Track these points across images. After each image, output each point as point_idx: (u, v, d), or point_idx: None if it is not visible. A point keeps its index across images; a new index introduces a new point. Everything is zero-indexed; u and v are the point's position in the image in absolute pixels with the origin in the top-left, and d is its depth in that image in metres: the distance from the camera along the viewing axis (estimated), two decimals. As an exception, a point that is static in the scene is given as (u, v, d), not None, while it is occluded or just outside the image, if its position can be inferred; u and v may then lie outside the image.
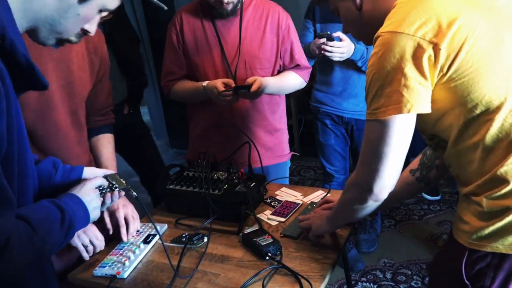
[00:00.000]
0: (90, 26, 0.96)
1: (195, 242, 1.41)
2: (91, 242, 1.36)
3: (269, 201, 1.65)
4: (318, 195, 1.66)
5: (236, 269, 1.29)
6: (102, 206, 1.11)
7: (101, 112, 1.61)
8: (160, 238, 1.30)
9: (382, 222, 2.91)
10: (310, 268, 1.25)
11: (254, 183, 1.58)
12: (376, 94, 0.98)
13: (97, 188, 1.09)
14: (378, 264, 2.58)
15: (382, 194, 1.07)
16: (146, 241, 1.45)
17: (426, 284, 2.38)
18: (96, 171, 1.18)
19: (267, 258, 1.28)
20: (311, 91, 2.45)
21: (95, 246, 1.37)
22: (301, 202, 1.62)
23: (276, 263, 1.26)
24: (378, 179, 1.04)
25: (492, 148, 0.96)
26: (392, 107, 0.95)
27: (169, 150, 4.56)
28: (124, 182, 1.16)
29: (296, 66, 1.90)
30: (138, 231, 1.51)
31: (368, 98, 1.01)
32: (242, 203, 1.49)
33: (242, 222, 1.47)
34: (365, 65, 2.15)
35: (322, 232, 1.33)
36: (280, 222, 1.51)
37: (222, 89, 1.68)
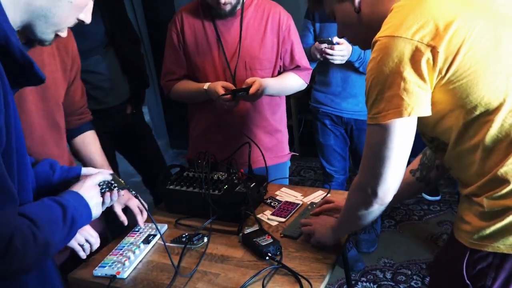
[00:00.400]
0: (85, 15, 0.95)
1: (195, 242, 1.41)
2: (87, 240, 1.36)
3: (269, 201, 1.65)
4: (318, 196, 1.66)
5: (236, 269, 1.29)
6: (102, 205, 1.11)
7: (78, 111, 1.60)
8: (161, 236, 1.30)
9: (382, 222, 2.91)
10: (310, 268, 1.25)
11: (254, 184, 1.58)
12: (376, 99, 0.98)
13: (97, 186, 1.09)
14: (378, 264, 2.58)
15: (387, 197, 1.07)
16: (146, 241, 1.45)
17: (426, 284, 2.38)
18: (94, 171, 1.18)
19: (267, 258, 1.28)
20: (311, 92, 2.45)
21: (91, 244, 1.37)
22: (301, 203, 1.62)
23: (276, 263, 1.26)
24: (382, 183, 1.04)
25: (492, 148, 0.96)
26: (392, 111, 0.96)
27: (169, 150, 4.56)
28: (123, 181, 1.16)
29: (296, 67, 1.89)
30: (138, 231, 1.51)
31: (368, 102, 1.01)
32: (242, 203, 1.49)
33: (242, 222, 1.47)
34: (362, 65, 2.16)
35: (325, 240, 1.32)
36: (280, 222, 1.51)
37: (222, 92, 1.68)
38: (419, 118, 0.99)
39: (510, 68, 0.94)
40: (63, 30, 0.94)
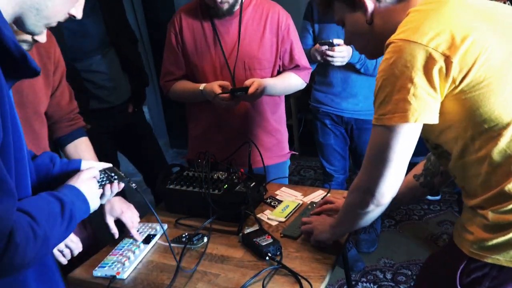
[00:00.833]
0: (77, 11, 0.94)
1: (195, 242, 1.41)
2: (66, 246, 1.34)
3: (269, 201, 1.65)
4: (318, 195, 1.66)
5: (236, 269, 1.29)
6: (102, 198, 1.10)
7: (68, 117, 1.55)
8: (164, 233, 1.29)
9: (382, 222, 2.91)
10: (310, 268, 1.25)
11: (254, 183, 1.58)
12: (384, 100, 0.98)
13: (94, 178, 1.08)
14: (378, 264, 2.58)
15: (384, 199, 1.07)
16: (146, 241, 1.45)
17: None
18: (94, 164, 1.17)
19: (267, 258, 1.28)
20: (311, 91, 2.45)
21: (72, 249, 1.36)
22: (301, 202, 1.62)
23: (276, 263, 1.26)
24: (381, 184, 1.04)
25: (500, 163, 0.96)
26: (398, 115, 0.96)
27: (169, 150, 4.55)
28: (123, 174, 1.15)
29: (296, 67, 1.89)
30: (138, 231, 1.50)
31: (376, 103, 1.01)
32: (242, 203, 1.49)
33: (242, 222, 1.47)
34: (363, 67, 2.17)
35: (323, 239, 1.32)
36: (280, 222, 1.51)
37: (219, 91, 1.68)
38: (425, 124, 0.99)
39: None
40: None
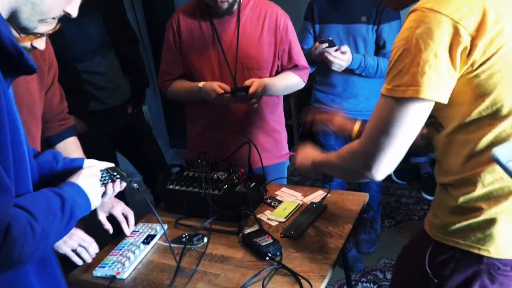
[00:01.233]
0: (72, 9, 0.94)
1: (195, 242, 1.41)
2: (80, 245, 1.35)
3: (269, 201, 1.65)
4: (318, 195, 1.66)
5: (236, 269, 1.29)
6: (104, 196, 1.11)
7: (58, 116, 1.56)
8: (164, 233, 1.29)
9: (382, 222, 2.91)
10: (310, 268, 1.25)
11: (254, 183, 1.58)
12: (401, 71, 0.92)
13: (96, 176, 1.08)
14: (378, 264, 2.58)
15: (379, 175, 1.02)
16: (146, 241, 1.45)
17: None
18: (96, 163, 1.17)
19: (267, 258, 1.28)
20: (311, 91, 2.45)
21: (87, 248, 1.36)
22: (301, 203, 1.62)
23: (276, 264, 1.26)
24: (380, 159, 0.99)
25: (482, 150, 0.97)
26: (414, 88, 0.91)
27: (169, 150, 4.55)
28: (125, 174, 1.15)
29: (294, 67, 1.88)
30: (137, 231, 1.50)
31: (390, 73, 0.95)
32: (242, 203, 1.49)
33: (242, 222, 1.47)
34: (364, 71, 2.18)
35: (302, 170, 1.33)
36: (280, 222, 1.51)
37: (220, 90, 1.67)
38: None
39: None
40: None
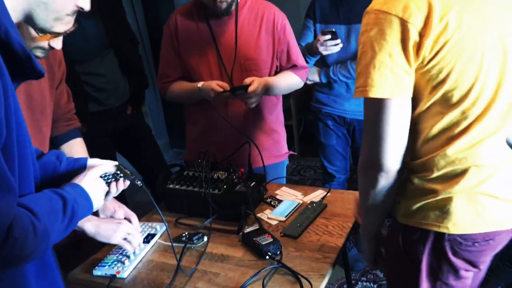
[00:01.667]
0: (84, 2, 0.95)
1: (195, 241, 1.41)
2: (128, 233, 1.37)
3: (269, 200, 1.65)
4: (318, 195, 1.66)
5: (236, 268, 1.29)
6: (108, 195, 1.11)
7: (65, 116, 1.56)
8: (166, 229, 1.29)
9: (383, 222, 2.91)
10: (310, 267, 1.25)
11: (254, 183, 1.58)
12: (361, 73, 0.99)
13: (101, 177, 1.09)
14: (378, 264, 2.58)
15: (391, 165, 1.02)
16: (146, 240, 1.45)
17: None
18: (99, 162, 1.17)
19: (267, 257, 1.28)
20: (312, 91, 2.45)
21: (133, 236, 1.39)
22: (301, 202, 1.62)
23: (276, 263, 1.26)
24: (383, 156, 1.01)
25: (435, 136, 1.02)
26: (374, 89, 0.96)
27: (169, 150, 4.56)
28: (128, 172, 1.15)
29: (293, 67, 1.88)
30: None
31: (356, 75, 1.02)
32: (242, 203, 1.49)
33: (242, 221, 1.47)
34: (339, 79, 2.23)
35: (367, 251, 1.28)
36: (280, 221, 1.51)
37: (219, 89, 1.67)
38: None
39: (481, 72, 0.96)
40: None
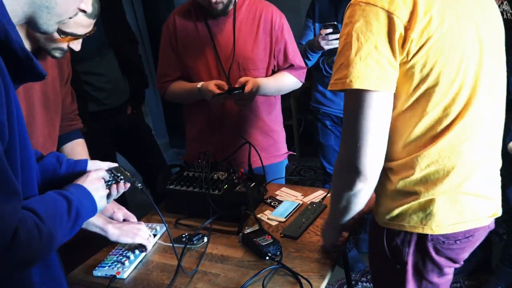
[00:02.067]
0: (86, 5, 0.95)
1: (195, 242, 1.41)
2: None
3: (269, 201, 1.65)
4: (318, 195, 1.66)
5: (236, 269, 1.29)
6: (109, 198, 1.11)
7: (68, 117, 1.57)
8: (166, 229, 1.30)
9: (382, 222, 2.91)
10: (310, 268, 1.25)
11: (254, 183, 1.58)
12: (342, 64, 0.96)
13: (102, 178, 1.09)
14: (378, 264, 2.58)
15: (369, 172, 0.99)
16: (146, 241, 1.45)
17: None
18: (100, 164, 1.18)
19: (267, 258, 1.28)
20: (311, 91, 2.45)
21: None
22: (301, 202, 1.62)
23: (276, 263, 1.26)
24: (361, 156, 0.98)
25: (418, 136, 1.01)
26: (359, 80, 0.94)
27: (169, 150, 4.55)
28: (129, 174, 1.16)
29: (290, 66, 1.88)
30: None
31: (335, 67, 0.99)
32: (242, 203, 1.49)
33: (242, 222, 1.47)
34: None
35: (329, 237, 1.28)
36: (280, 222, 1.51)
37: (216, 91, 1.67)
38: None
39: (459, 67, 0.96)
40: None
